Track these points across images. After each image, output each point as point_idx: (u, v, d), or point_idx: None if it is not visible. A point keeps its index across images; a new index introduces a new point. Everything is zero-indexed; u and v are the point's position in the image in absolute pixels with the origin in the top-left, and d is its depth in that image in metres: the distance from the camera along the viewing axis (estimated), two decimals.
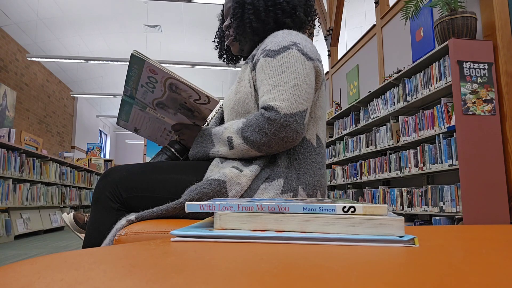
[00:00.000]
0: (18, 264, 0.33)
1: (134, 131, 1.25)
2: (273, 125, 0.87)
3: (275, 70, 0.92)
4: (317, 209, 0.46)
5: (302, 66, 0.93)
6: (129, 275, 0.29)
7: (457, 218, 2.54)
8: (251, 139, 0.90)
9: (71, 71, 9.93)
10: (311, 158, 0.98)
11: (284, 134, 0.87)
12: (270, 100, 0.89)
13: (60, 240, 4.53)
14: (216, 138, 1.00)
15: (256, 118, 0.90)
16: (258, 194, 0.90)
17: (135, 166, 0.99)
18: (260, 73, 0.96)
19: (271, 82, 0.91)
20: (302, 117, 0.89)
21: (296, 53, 0.94)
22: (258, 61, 0.98)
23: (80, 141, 11.44)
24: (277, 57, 0.94)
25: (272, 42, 0.98)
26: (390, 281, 0.27)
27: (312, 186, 0.95)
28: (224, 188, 0.88)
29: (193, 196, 0.86)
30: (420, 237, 0.47)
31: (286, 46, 0.95)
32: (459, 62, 2.51)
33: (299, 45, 0.96)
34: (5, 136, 4.72)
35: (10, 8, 6.88)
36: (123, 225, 0.82)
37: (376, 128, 3.80)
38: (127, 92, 1.09)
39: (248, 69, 1.03)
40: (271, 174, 0.92)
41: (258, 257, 0.35)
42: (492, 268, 0.31)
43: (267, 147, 0.90)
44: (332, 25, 5.66)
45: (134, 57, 0.94)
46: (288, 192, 0.90)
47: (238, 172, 0.91)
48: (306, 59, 0.95)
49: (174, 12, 7.47)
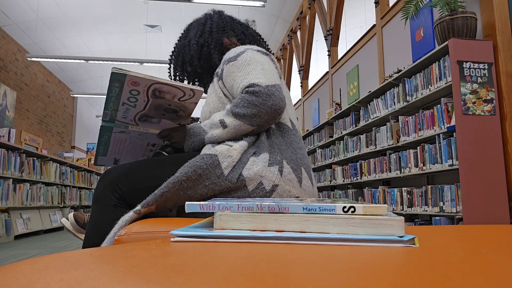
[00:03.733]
0: (18, 264, 0.33)
1: (114, 163, 1.23)
2: (259, 95, 0.97)
3: (241, 65, 1.06)
4: (317, 209, 0.46)
5: (262, 58, 1.08)
6: (129, 275, 0.29)
7: (457, 218, 2.54)
8: (242, 113, 0.98)
9: (71, 71, 9.93)
10: (289, 138, 1.06)
11: (271, 102, 0.97)
12: (249, 81, 1.00)
13: (60, 240, 4.53)
14: (207, 127, 1.07)
15: (241, 97, 1.00)
16: (249, 165, 0.95)
17: (133, 164, 1.02)
18: (228, 76, 1.09)
19: (242, 74, 1.04)
20: (280, 89, 1.00)
21: (252, 52, 1.09)
22: (223, 70, 1.11)
23: (80, 141, 11.44)
24: (238, 58, 1.08)
25: (229, 54, 1.13)
26: (390, 281, 0.27)
27: (295, 161, 1.02)
28: (216, 161, 0.94)
29: (188, 170, 0.91)
30: (420, 237, 0.47)
31: (241, 51, 1.10)
32: (459, 62, 2.51)
33: (252, 48, 1.11)
34: (5, 136, 4.72)
35: (10, 8, 6.88)
36: (130, 216, 0.84)
37: (376, 128, 3.80)
38: (106, 117, 1.08)
39: (215, 82, 1.17)
40: (257, 150, 1.00)
41: (258, 257, 0.35)
42: (492, 268, 0.31)
43: (258, 118, 0.98)
44: (332, 25, 5.66)
45: (114, 74, 0.94)
46: (274, 165, 0.96)
47: (228, 147, 0.98)
48: (262, 53, 1.10)
49: (174, 12, 7.47)
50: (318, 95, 6.37)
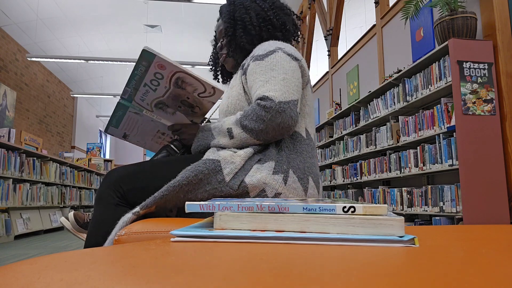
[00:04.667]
0: (18, 264, 0.33)
1: (123, 137, 1.25)
2: (269, 111, 0.94)
3: (265, 69, 1.02)
4: (317, 209, 0.46)
5: (289, 64, 1.03)
6: (129, 275, 0.29)
7: (457, 218, 2.54)
8: (250, 127, 0.97)
9: (71, 71, 9.93)
10: (300, 147, 1.04)
11: (280, 120, 0.94)
12: (264, 92, 0.97)
13: (60, 240, 4.53)
14: (215, 131, 1.06)
15: (252, 108, 0.97)
16: (252, 172, 0.95)
17: (136, 165, 1.04)
18: (251, 75, 1.05)
19: (262, 79, 1.00)
20: (294, 105, 0.97)
21: (282, 55, 1.04)
22: (248, 66, 1.07)
23: (80, 141, 11.44)
24: (265, 59, 1.03)
25: (259, 49, 1.08)
26: (390, 281, 0.27)
27: (302, 170, 1.00)
28: (218, 166, 0.93)
29: (189, 174, 0.91)
30: (420, 237, 0.47)
31: (272, 50, 1.05)
32: (459, 62, 2.51)
33: (283, 49, 1.06)
34: (5, 136, 4.72)
35: (10, 8, 6.88)
36: (129, 217, 0.85)
37: (376, 128, 3.80)
38: (125, 94, 1.11)
39: (239, 75, 1.12)
40: (263, 158, 0.98)
41: (258, 257, 0.35)
42: (492, 268, 0.31)
43: (264, 134, 0.96)
44: (332, 25, 5.65)
45: (145, 52, 0.98)
46: (279, 173, 0.95)
47: (232, 152, 0.97)
48: (291, 59, 1.05)
49: (174, 12, 7.47)
50: (318, 95, 6.37)
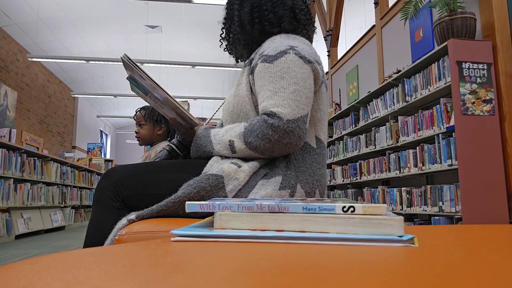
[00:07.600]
0: (19, 264, 0.33)
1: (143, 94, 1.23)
2: (276, 131, 0.87)
3: (274, 76, 0.92)
4: (317, 208, 0.46)
5: (301, 71, 0.93)
6: (130, 274, 0.29)
7: (457, 218, 2.54)
8: (255, 145, 0.90)
9: (72, 71, 9.93)
10: (310, 158, 0.98)
11: (287, 140, 0.88)
12: (272, 106, 0.89)
13: (60, 240, 4.54)
14: (215, 140, 1.00)
15: (259, 124, 0.90)
16: (256, 189, 0.90)
17: (135, 166, 1.01)
18: (259, 79, 0.96)
19: (271, 88, 0.92)
20: (304, 122, 0.90)
21: (293, 57, 0.94)
22: (256, 65, 0.98)
23: (80, 141, 11.44)
24: (275, 63, 0.94)
25: (270, 47, 0.98)
26: (390, 281, 0.27)
27: (310, 184, 0.95)
28: (221, 183, 0.88)
29: (191, 190, 0.87)
30: (420, 237, 0.47)
31: (283, 51, 0.95)
32: (458, 62, 2.51)
33: (296, 49, 0.96)
34: (6, 136, 4.72)
35: (11, 9, 6.88)
36: (123, 224, 0.82)
37: (376, 128, 3.80)
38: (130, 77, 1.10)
39: (246, 73, 1.04)
40: (269, 172, 0.93)
41: (258, 257, 0.35)
42: (492, 268, 0.31)
43: (270, 152, 0.91)
44: (331, 25, 5.65)
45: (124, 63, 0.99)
46: (286, 188, 0.90)
47: (236, 167, 0.91)
48: (304, 62, 0.95)
49: (174, 12, 7.47)
50: None
